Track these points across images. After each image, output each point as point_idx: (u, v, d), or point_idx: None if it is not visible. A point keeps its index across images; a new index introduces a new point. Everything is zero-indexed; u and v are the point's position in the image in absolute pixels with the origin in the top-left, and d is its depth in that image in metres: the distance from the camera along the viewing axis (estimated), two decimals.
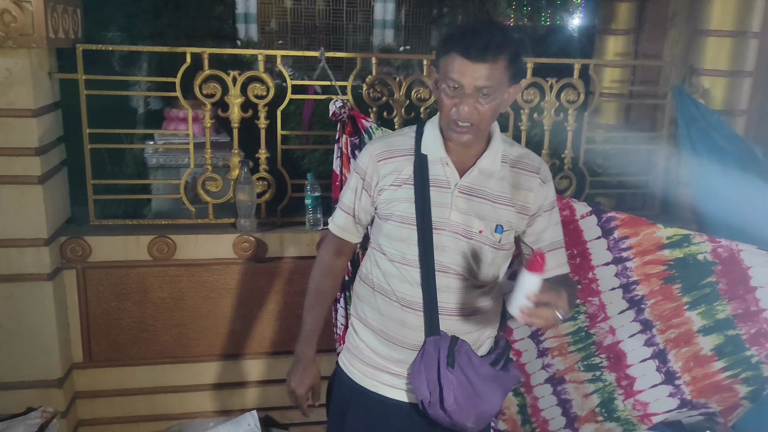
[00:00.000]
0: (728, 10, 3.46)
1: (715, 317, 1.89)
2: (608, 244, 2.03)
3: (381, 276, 1.78)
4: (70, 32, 2.97)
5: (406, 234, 1.70)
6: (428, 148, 1.71)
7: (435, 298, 1.70)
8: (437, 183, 1.70)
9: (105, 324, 3.15)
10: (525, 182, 1.73)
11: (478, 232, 1.69)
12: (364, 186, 1.78)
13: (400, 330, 1.75)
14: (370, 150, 1.77)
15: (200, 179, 3.22)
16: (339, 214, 1.88)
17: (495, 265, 1.75)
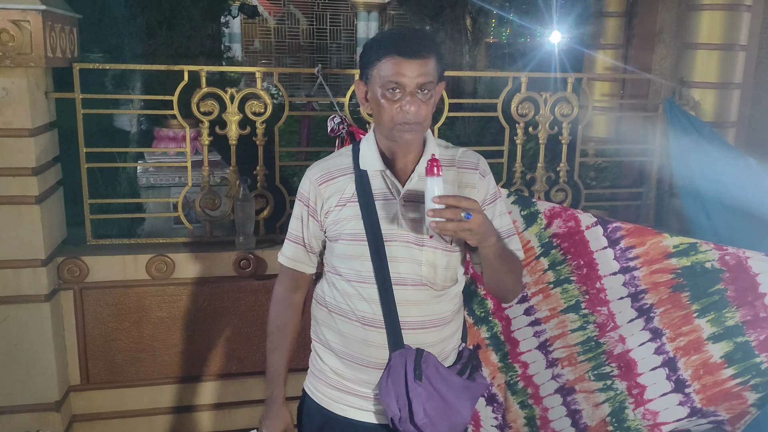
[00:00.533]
0: (716, 24, 3.54)
1: (724, 324, 1.91)
2: (615, 254, 2.04)
3: (339, 296, 1.75)
4: (67, 51, 2.96)
5: (358, 250, 1.68)
6: (366, 163, 1.71)
7: (395, 312, 1.68)
8: (382, 196, 1.69)
9: (102, 345, 3.11)
10: (466, 179, 1.74)
11: (428, 237, 1.68)
12: (309, 212, 1.76)
13: (364, 349, 1.72)
14: (310, 175, 1.76)
15: (198, 197, 3.21)
16: (288, 246, 1.82)
17: (451, 269, 1.74)
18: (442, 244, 1.70)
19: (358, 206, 1.68)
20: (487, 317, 2.30)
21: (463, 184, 1.74)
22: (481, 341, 2.31)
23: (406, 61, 1.55)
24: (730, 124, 3.67)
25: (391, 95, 1.58)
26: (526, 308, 2.23)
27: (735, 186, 3.00)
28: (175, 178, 4.35)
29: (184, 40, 4.33)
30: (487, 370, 2.31)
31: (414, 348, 1.70)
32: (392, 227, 1.68)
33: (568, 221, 2.13)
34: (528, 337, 2.25)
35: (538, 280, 2.21)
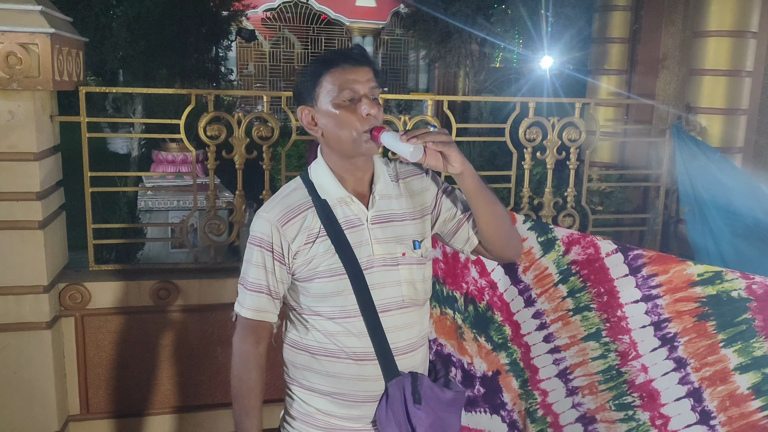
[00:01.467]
0: (722, 50, 3.56)
1: (752, 354, 1.86)
2: (637, 282, 2.00)
3: (322, 337, 1.65)
4: (74, 75, 2.92)
5: (339, 286, 1.61)
6: (326, 193, 1.64)
7: (386, 342, 1.63)
8: (349, 224, 1.63)
9: (104, 374, 3.03)
10: (417, 185, 1.74)
11: (401, 255, 1.66)
12: (275, 257, 1.63)
13: (358, 385, 1.66)
14: (268, 217, 1.63)
15: (203, 222, 3.16)
16: (250, 297, 1.66)
17: (427, 280, 1.74)
18: (415, 258, 1.68)
19: (328, 240, 1.61)
20: (505, 343, 2.26)
21: (414, 192, 1.74)
22: (501, 367, 2.27)
23: (352, 68, 1.54)
24: (737, 150, 3.67)
25: (348, 104, 1.54)
26: (545, 335, 2.18)
27: (747, 213, 2.98)
28: (174, 201, 4.31)
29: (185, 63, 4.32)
30: (509, 395, 2.27)
31: (408, 373, 1.67)
32: (367, 254, 1.63)
33: (587, 248, 2.10)
34: (547, 365, 2.20)
35: (557, 307, 2.17)
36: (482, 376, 2.39)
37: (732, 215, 3.13)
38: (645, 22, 4.30)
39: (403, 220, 1.70)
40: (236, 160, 3.13)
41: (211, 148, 3.10)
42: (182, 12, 4.47)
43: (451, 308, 2.35)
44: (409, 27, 6.10)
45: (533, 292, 2.20)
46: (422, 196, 1.74)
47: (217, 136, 3.09)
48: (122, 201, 4.20)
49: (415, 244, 1.68)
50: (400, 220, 1.69)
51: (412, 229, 1.70)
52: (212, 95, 3.04)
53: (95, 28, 4.19)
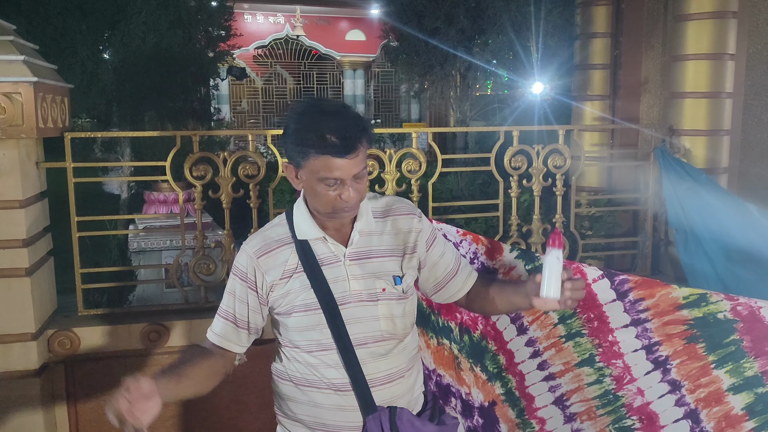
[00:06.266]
0: (701, 73, 3.61)
1: (743, 375, 1.85)
2: (625, 306, 2.00)
3: (303, 369, 1.69)
4: (59, 121, 2.94)
5: (314, 320, 1.64)
6: (303, 233, 1.68)
7: (361, 375, 1.65)
8: (326, 261, 1.67)
9: (95, 420, 2.99)
10: (403, 225, 1.75)
11: (381, 290, 1.67)
12: (248, 286, 1.68)
13: (339, 415, 1.68)
14: (247, 249, 1.69)
15: (192, 261, 3.15)
16: (217, 322, 1.72)
17: (408, 315, 1.74)
18: (396, 294, 1.70)
19: (304, 276, 1.64)
20: (500, 373, 2.25)
21: (403, 230, 1.75)
22: (496, 397, 2.26)
23: (342, 160, 1.53)
24: (721, 170, 3.69)
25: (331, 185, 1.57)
26: (539, 363, 2.17)
27: (739, 234, 2.98)
28: (166, 241, 4.31)
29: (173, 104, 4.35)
30: (506, 426, 2.25)
31: (386, 407, 1.68)
32: (343, 290, 1.65)
33: (574, 275, 2.10)
34: (543, 393, 2.18)
35: (549, 334, 2.16)
36: (480, 406, 2.38)
37: (725, 236, 3.12)
38: (625, 47, 4.37)
39: (384, 257, 1.71)
40: (223, 200, 3.14)
41: (197, 188, 3.11)
42: (168, 54, 4.52)
43: (447, 338, 2.35)
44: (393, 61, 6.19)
45: (525, 320, 2.19)
46: (409, 236, 1.75)
47: (204, 176, 3.10)
48: (113, 243, 4.20)
49: (396, 280, 1.70)
50: (380, 257, 1.70)
51: (393, 265, 1.71)
52: (197, 136, 3.06)
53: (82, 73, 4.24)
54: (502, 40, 5.44)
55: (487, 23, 5.54)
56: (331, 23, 16.88)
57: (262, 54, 16.79)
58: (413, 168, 3.30)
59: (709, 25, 3.58)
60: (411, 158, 3.31)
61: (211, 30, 5.57)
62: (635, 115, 4.28)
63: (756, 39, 3.82)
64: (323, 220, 1.67)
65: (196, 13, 5.10)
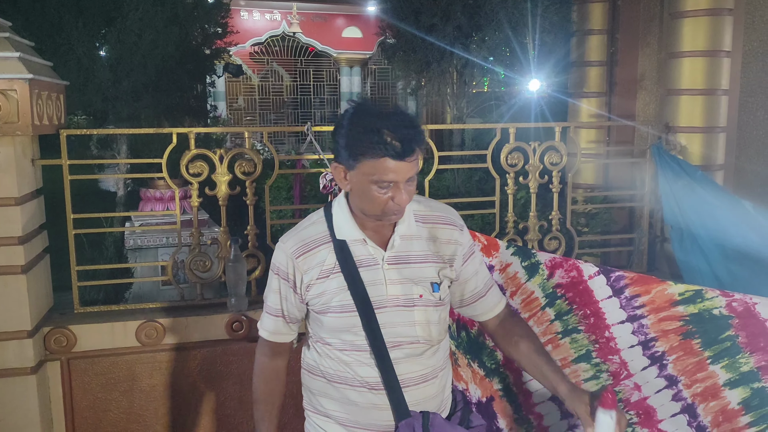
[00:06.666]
0: (697, 70, 3.61)
1: (739, 370, 1.86)
2: (621, 303, 2.01)
3: (336, 365, 1.69)
4: (54, 118, 2.94)
5: (349, 322, 1.64)
6: (343, 233, 1.67)
7: (395, 379, 1.65)
8: (364, 263, 1.66)
9: (91, 417, 2.99)
10: (443, 235, 1.73)
11: (418, 297, 1.67)
12: (289, 286, 1.70)
13: (373, 413, 1.68)
14: (285, 248, 1.70)
15: (188, 259, 3.15)
16: (267, 319, 1.78)
17: (442, 321, 1.73)
18: (433, 300, 1.68)
19: (342, 277, 1.64)
20: (498, 369, 2.26)
21: (441, 240, 1.73)
22: (494, 393, 2.27)
23: (400, 163, 1.51)
24: (717, 167, 3.70)
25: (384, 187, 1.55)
26: None
27: (735, 231, 2.98)
28: (163, 238, 4.30)
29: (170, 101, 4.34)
30: (504, 421, 2.27)
31: (419, 412, 1.66)
32: (380, 294, 1.64)
33: (570, 271, 2.10)
34: (540, 388, 2.19)
35: (546, 331, 2.17)
36: (477, 402, 2.39)
37: (721, 234, 3.12)
38: (621, 44, 4.37)
39: (423, 262, 1.69)
40: (219, 197, 3.14)
41: (193, 185, 3.11)
42: (165, 51, 4.51)
43: None
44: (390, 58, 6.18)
45: (522, 316, 2.20)
46: (448, 247, 1.73)
47: (200, 174, 3.10)
48: (109, 240, 4.19)
49: (434, 287, 1.68)
50: (418, 262, 1.69)
51: (431, 272, 1.69)
52: (193, 133, 3.06)
53: (78, 70, 4.22)
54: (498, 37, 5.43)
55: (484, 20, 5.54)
56: (327, 20, 16.85)
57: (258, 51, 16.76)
58: None
59: (705, 22, 3.59)
60: None
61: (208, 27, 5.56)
62: (631, 112, 4.29)
63: (752, 36, 3.83)
64: (364, 220, 1.66)
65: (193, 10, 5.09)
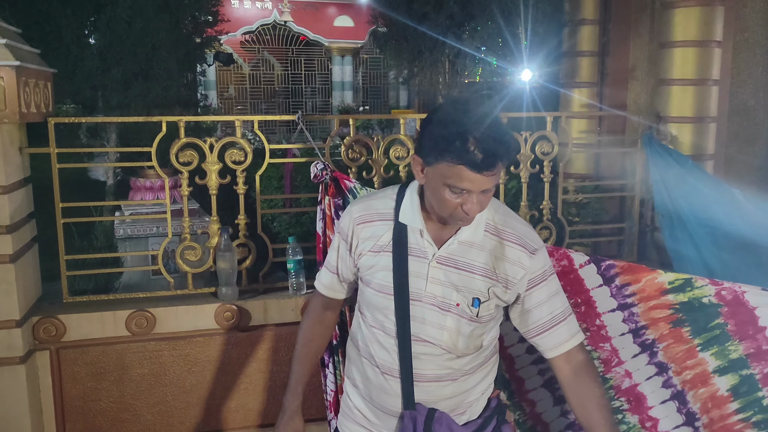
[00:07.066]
0: (689, 60, 3.61)
1: (728, 357, 1.88)
2: (611, 292, 2.02)
3: (364, 339, 1.74)
4: (42, 106, 2.91)
5: (383, 303, 1.66)
6: (406, 218, 1.66)
7: (410, 369, 1.65)
8: (415, 252, 1.65)
9: (81, 407, 2.98)
10: (510, 254, 1.64)
11: (455, 305, 1.62)
12: (347, 247, 1.76)
13: (382, 396, 1.71)
14: (351, 212, 1.74)
15: (179, 248, 3.14)
16: (324, 273, 1.87)
17: (475, 337, 1.67)
18: (468, 314, 1.63)
19: (390, 258, 1.65)
20: None
21: (505, 258, 1.64)
22: None
23: (477, 175, 1.46)
24: (707, 157, 3.71)
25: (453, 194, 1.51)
26: (528, 346, 2.19)
27: (725, 220, 2.99)
28: (153, 228, 4.28)
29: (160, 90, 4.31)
30: None
31: (426, 408, 1.67)
32: (419, 287, 1.64)
33: (561, 260, 2.11)
34: (533, 376, 2.21)
35: None
36: None
37: (711, 222, 3.14)
38: (613, 34, 4.36)
39: (474, 273, 1.63)
40: (209, 186, 3.12)
41: (183, 174, 3.09)
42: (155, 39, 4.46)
43: None
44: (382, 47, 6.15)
45: None
46: (510, 267, 1.64)
47: (190, 162, 3.08)
48: (98, 230, 4.16)
49: (474, 301, 1.63)
50: (469, 271, 1.63)
51: (479, 285, 1.63)
52: (182, 121, 3.03)
53: (66, 58, 4.18)
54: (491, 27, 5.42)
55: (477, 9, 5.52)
56: (319, 9, 16.76)
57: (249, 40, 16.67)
58: (401, 154, 3.29)
59: (697, 12, 3.58)
60: (399, 144, 3.30)
61: (198, 15, 5.51)
62: (623, 102, 4.29)
63: (743, 26, 3.84)
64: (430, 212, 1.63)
65: None
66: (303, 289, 3.19)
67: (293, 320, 3.16)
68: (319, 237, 2.84)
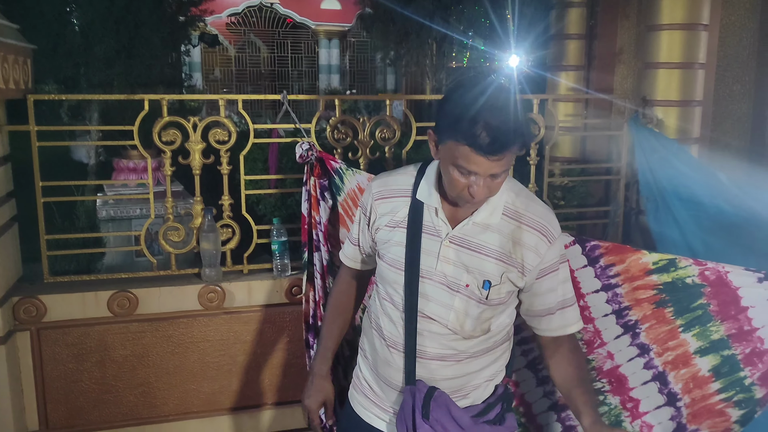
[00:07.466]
0: (675, 43, 3.61)
1: (710, 338, 1.89)
2: (595, 272, 2.02)
3: (376, 311, 1.79)
4: (21, 83, 2.85)
5: (393, 277, 1.69)
6: (423, 195, 1.67)
7: (414, 344, 1.66)
8: (429, 230, 1.66)
9: (62, 388, 2.95)
10: (528, 240, 1.63)
11: (464, 285, 1.62)
12: (366, 221, 1.81)
13: (386, 368, 1.74)
14: (372, 187, 1.78)
15: (162, 229, 3.10)
16: (348, 246, 1.93)
17: (483, 320, 1.66)
18: (477, 295, 1.63)
19: (404, 234, 1.67)
20: None
21: (521, 243, 1.62)
22: None
23: (483, 158, 1.45)
24: (693, 141, 3.72)
25: (461, 174, 1.51)
26: None
27: (709, 202, 3.01)
28: (136, 210, 4.23)
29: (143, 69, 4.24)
30: None
31: (427, 385, 1.67)
32: (430, 265, 1.65)
33: None
34: (516, 356, 2.21)
35: None
36: None
37: (695, 205, 3.15)
38: (601, 17, 4.35)
39: (487, 256, 1.62)
40: (193, 166, 3.08)
41: (167, 153, 3.05)
42: (138, 17, 4.39)
43: None
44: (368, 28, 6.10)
45: None
46: (526, 253, 1.63)
47: (173, 142, 3.04)
48: (80, 210, 4.10)
49: (485, 284, 1.62)
50: (482, 254, 1.63)
51: (492, 268, 1.62)
52: (165, 100, 2.99)
53: (47, 34, 4.10)
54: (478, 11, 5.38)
55: None
56: None
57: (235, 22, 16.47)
58: (387, 135, 3.26)
59: None
60: (385, 126, 3.27)
61: None
62: (609, 85, 4.29)
63: (730, 10, 3.84)
64: None
65: None
66: (287, 270, 3.17)
67: (278, 302, 3.14)
68: (304, 218, 2.82)
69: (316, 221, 2.71)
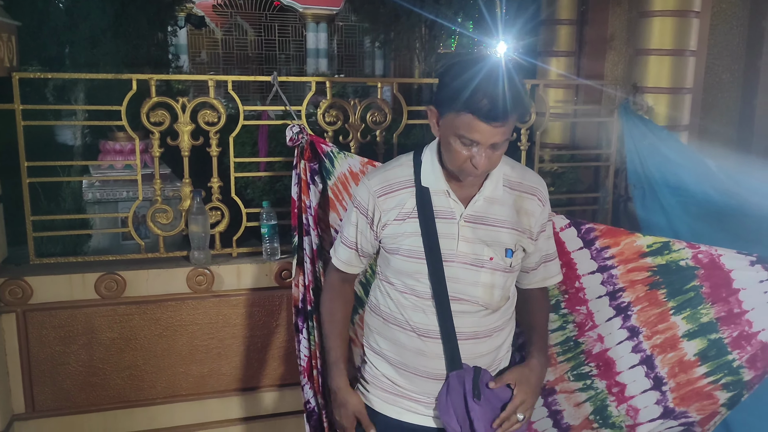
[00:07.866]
0: (666, 30, 3.60)
1: (699, 321, 1.92)
2: (591, 254, 2.04)
3: (393, 306, 1.77)
4: (5, 60, 2.79)
5: (414, 268, 1.70)
6: (428, 181, 1.71)
7: (452, 328, 1.69)
8: (442, 214, 1.69)
9: (49, 370, 2.93)
10: (527, 205, 1.75)
11: (488, 259, 1.69)
12: (368, 222, 1.78)
13: (419, 359, 1.74)
14: (369, 185, 1.76)
15: (150, 211, 3.07)
16: (342, 249, 1.89)
17: (506, 288, 1.75)
18: (502, 265, 1.70)
19: (417, 223, 1.68)
20: None
21: (524, 211, 1.74)
22: None
23: (486, 125, 1.51)
24: (682, 128, 3.74)
25: (466, 144, 1.56)
26: None
27: (697, 189, 3.03)
28: (123, 192, 4.17)
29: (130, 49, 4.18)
30: None
31: (471, 367, 1.72)
32: (450, 248, 1.68)
33: None
34: None
35: None
36: None
37: (683, 192, 3.17)
38: (592, 3, 4.34)
39: (501, 227, 1.71)
40: (182, 147, 3.04)
41: (155, 134, 3.01)
42: None
43: None
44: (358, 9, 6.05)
45: None
46: (530, 219, 1.75)
47: (162, 123, 3.00)
48: (66, 192, 4.05)
49: (507, 252, 1.71)
50: (496, 226, 1.70)
51: (508, 237, 1.71)
52: (154, 80, 2.94)
53: (32, 12, 4.01)
54: None
55: None
56: None
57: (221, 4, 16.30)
58: (378, 119, 3.24)
59: None
60: (376, 109, 3.25)
61: None
62: (600, 72, 4.29)
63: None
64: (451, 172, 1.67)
65: None
66: (277, 254, 3.15)
67: (267, 285, 3.13)
68: (294, 202, 2.80)
69: (306, 205, 2.69)
